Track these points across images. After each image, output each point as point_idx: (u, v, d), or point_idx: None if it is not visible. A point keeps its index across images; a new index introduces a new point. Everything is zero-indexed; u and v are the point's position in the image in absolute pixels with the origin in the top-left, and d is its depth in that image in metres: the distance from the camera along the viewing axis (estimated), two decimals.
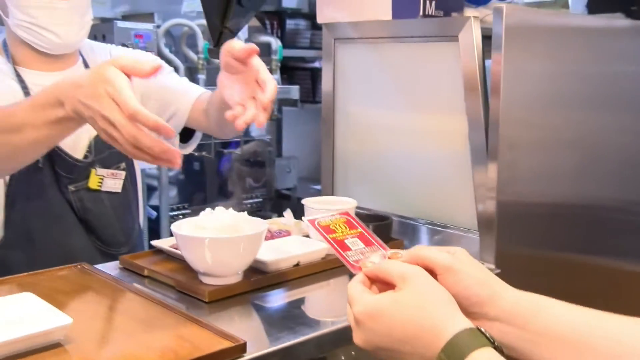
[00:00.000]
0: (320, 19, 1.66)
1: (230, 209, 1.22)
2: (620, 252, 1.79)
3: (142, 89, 1.63)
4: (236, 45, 1.20)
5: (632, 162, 1.77)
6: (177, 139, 1.68)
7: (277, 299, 1.20)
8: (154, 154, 1.03)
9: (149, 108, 1.61)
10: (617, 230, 1.76)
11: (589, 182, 1.64)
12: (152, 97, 1.63)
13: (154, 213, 3.33)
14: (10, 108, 1.17)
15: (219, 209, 1.21)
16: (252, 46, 1.19)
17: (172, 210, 3.39)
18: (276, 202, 3.71)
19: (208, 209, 1.22)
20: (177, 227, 1.20)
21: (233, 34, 1.66)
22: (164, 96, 1.62)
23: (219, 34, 1.62)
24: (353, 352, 1.63)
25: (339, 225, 0.96)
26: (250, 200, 3.60)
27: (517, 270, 1.45)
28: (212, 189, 3.61)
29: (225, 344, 0.93)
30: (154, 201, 3.46)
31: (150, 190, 3.43)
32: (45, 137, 1.15)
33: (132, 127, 1.02)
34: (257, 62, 1.19)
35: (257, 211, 3.58)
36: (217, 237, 1.14)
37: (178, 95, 1.61)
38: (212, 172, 3.60)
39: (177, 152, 1.04)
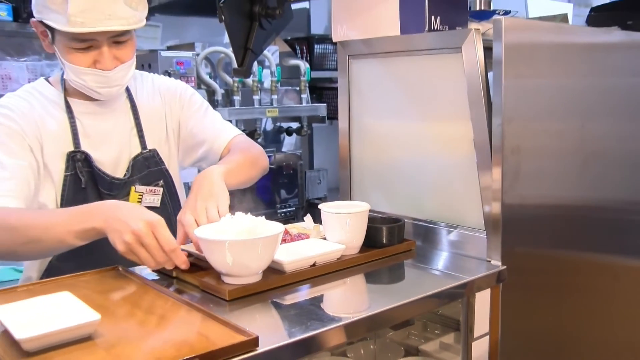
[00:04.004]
0: (335, 38, 1.67)
1: (249, 214, 1.23)
2: (622, 251, 1.77)
3: (176, 124, 1.70)
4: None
5: (630, 165, 1.75)
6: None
7: (294, 297, 1.21)
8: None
9: (181, 142, 1.71)
10: (617, 229, 1.74)
11: (590, 184, 1.62)
12: (184, 133, 1.70)
13: None
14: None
15: (239, 214, 1.23)
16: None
17: None
18: (308, 210, 3.72)
19: (228, 214, 1.24)
20: (200, 231, 1.22)
21: (256, 54, 1.69)
22: (196, 136, 1.70)
23: (242, 55, 1.65)
24: (372, 347, 1.62)
25: None
26: (284, 210, 3.61)
27: (522, 268, 1.44)
28: (248, 200, 3.63)
29: (239, 339, 0.94)
30: None
31: None
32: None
33: (164, 255, 1.21)
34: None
35: (290, 219, 3.59)
36: (236, 239, 1.16)
37: (212, 139, 1.69)
38: None
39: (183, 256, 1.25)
